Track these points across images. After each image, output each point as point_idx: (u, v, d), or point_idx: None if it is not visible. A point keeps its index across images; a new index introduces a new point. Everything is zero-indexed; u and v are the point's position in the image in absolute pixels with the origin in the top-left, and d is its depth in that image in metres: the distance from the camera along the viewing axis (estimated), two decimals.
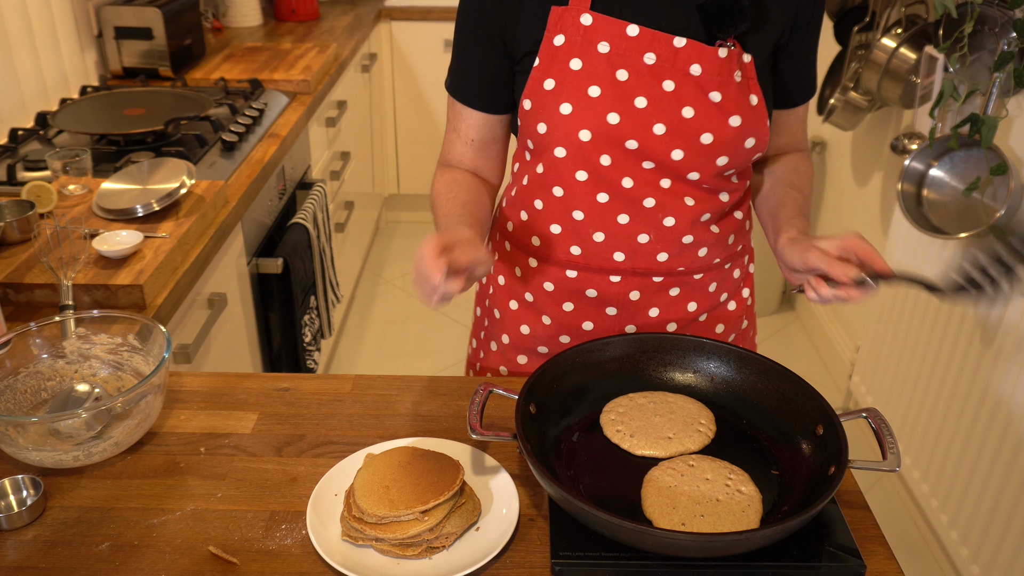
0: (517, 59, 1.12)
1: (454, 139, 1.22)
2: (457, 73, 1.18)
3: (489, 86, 1.16)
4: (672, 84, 1.06)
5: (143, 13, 2.40)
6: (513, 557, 0.88)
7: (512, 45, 1.11)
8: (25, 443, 0.97)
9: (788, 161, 1.24)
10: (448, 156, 1.23)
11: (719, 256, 1.20)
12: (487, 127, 1.19)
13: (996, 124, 1.79)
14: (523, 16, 1.09)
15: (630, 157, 1.09)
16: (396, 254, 3.70)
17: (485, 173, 1.23)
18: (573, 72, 1.07)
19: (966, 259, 0.90)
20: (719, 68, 1.06)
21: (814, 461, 0.93)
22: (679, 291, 1.20)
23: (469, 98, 1.17)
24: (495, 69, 1.14)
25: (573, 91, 1.07)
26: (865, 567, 0.85)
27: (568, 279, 1.19)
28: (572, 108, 1.07)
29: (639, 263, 1.16)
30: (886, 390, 2.35)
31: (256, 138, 2.07)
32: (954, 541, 1.99)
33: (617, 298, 1.19)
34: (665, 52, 1.05)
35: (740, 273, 1.27)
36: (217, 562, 0.87)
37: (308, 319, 2.25)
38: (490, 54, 1.13)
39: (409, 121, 3.64)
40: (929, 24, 2.12)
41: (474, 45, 1.14)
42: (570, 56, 1.07)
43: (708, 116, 1.06)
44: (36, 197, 1.55)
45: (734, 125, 1.07)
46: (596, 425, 1.02)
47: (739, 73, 1.06)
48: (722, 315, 1.26)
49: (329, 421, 1.08)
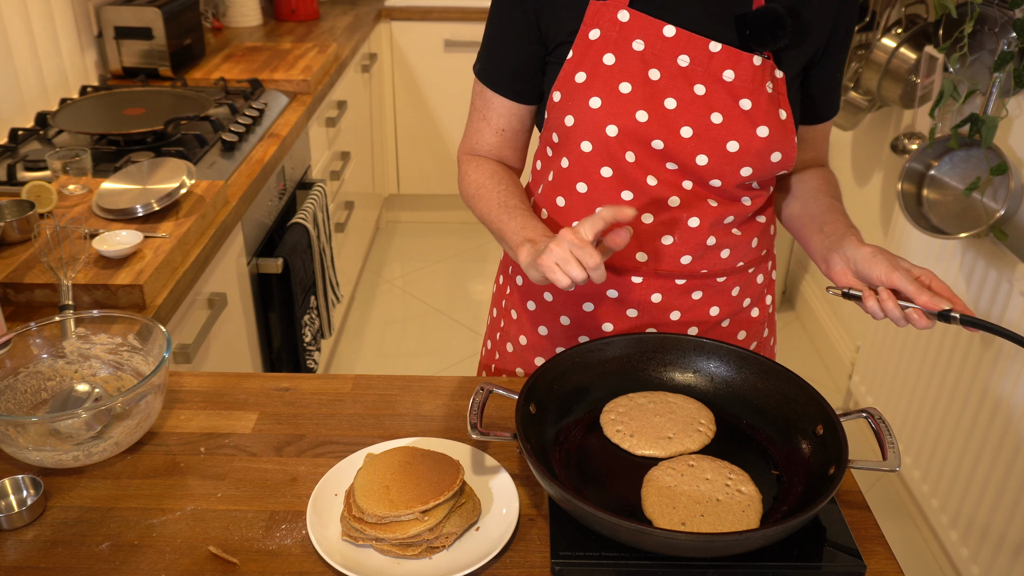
0: (551, 48, 1.11)
1: (483, 128, 1.20)
2: (489, 60, 1.16)
3: (521, 74, 1.15)
4: (703, 88, 1.05)
5: (143, 13, 2.40)
6: (513, 557, 0.88)
7: (548, 33, 1.10)
8: (25, 443, 0.97)
9: (819, 173, 1.23)
10: (476, 144, 1.22)
11: (742, 259, 1.20)
12: (516, 117, 1.19)
13: (996, 124, 1.79)
14: (561, 5, 1.09)
15: (655, 157, 1.08)
16: (396, 254, 3.70)
17: (512, 162, 1.23)
18: (606, 67, 1.06)
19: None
20: (751, 76, 1.05)
21: (814, 461, 0.93)
22: (701, 295, 1.19)
23: (501, 86, 1.16)
24: (528, 57, 1.13)
25: (604, 85, 1.06)
26: (865, 567, 0.85)
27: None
28: (602, 102, 1.07)
29: (662, 265, 1.15)
30: (886, 390, 2.35)
31: (256, 138, 2.07)
32: (954, 541, 1.99)
33: (638, 300, 1.18)
34: (699, 56, 1.05)
35: (764, 279, 1.25)
36: (217, 562, 0.87)
37: (308, 319, 2.25)
38: (525, 41, 1.12)
39: (409, 121, 3.64)
40: (929, 24, 2.12)
41: (509, 30, 1.13)
42: (604, 51, 1.07)
43: (736, 124, 1.06)
44: (36, 197, 1.55)
45: (762, 136, 1.06)
46: (596, 425, 1.02)
47: (770, 85, 1.06)
48: (745, 321, 1.24)
49: (329, 421, 1.08)
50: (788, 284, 3.30)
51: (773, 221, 1.25)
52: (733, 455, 0.97)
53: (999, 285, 1.83)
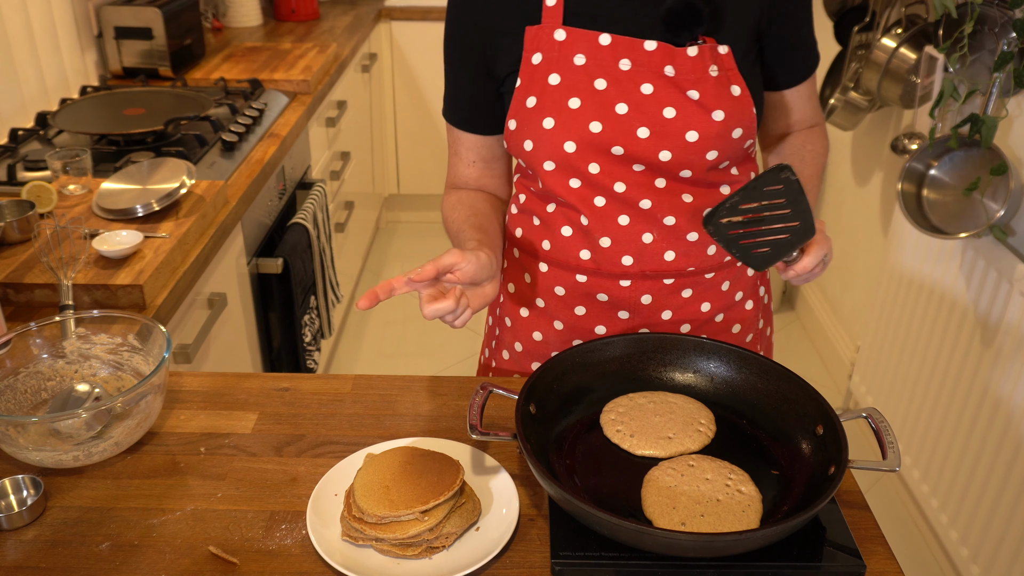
0: (501, 79, 1.14)
1: (456, 162, 1.24)
2: (449, 98, 1.20)
3: (479, 108, 1.18)
4: (651, 87, 1.07)
5: (143, 13, 2.40)
6: (513, 557, 0.88)
7: (495, 67, 1.13)
8: (25, 443, 0.97)
9: (794, 140, 1.22)
10: (454, 179, 1.26)
11: (729, 253, 1.20)
12: (486, 147, 1.22)
13: (996, 124, 1.79)
14: (502, 38, 1.11)
15: (619, 163, 1.10)
16: (396, 254, 3.70)
17: (492, 190, 1.26)
18: (552, 87, 1.08)
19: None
20: (691, 67, 1.06)
21: (814, 461, 0.93)
22: (691, 292, 1.19)
23: (462, 122, 1.20)
24: (483, 91, 1.16)
25: (554, 104, 1.08)
26: (865, 567, 0.85)
27: (579, 283, 1.19)
28: (555, 122, 1.08)
29: (647, 265, 1.16)
30: (886, 390, 2.35)
31: (256, 138, 2.07)
32: (954, 541, 1.99)
33: (629, 303, 1.19)
34: (638, 57, 1.07)
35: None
36: (217, 562, 0.87)
37: (308, 319, 2.25)
38: (476, 77, 1.15)
39: (409, 121, 3.64)
40: (929, 24, 2.12)
41: (460, 69, 1.17)
42: (548, 72, 1.09)
43: (690, 114, 1.07)
44: (36, 197, 1.55)
45: (717, 119, 1.07)
46: (596, 425, 1.02)
47: (715, 68, 1.07)
48: (739, 315, 1.25)
49: (329, 421, 1.08)
50: (788, 283, 3.30)
51: None
52: (733, 455, 0.97)
53: (999, 285, 1.83)
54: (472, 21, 1.12)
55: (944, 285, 2.04)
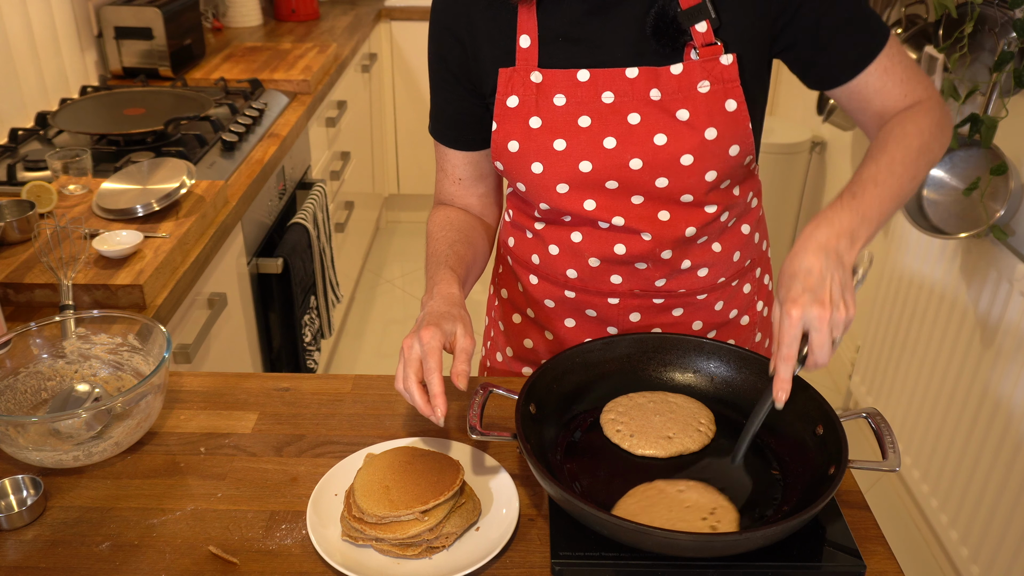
0: (487, 95, 1.11)
1: (443, 179, 1.22)
2: (434, 115, 1.18)
3: (464, 125, 1.15)
4: (637, 116, 1.03)
5: (143, 13, 2.40)
6: (513, 557, 0.88)
7: (478, 86, 1.11)
8: (25, 443, 0.97)
9: (888, 126, 1.04)
10: (440, 195, 1.23)
11: (723, 275, 1.17)
12: (472, 164, 1.19)
13: (996, 124, 1.79)
14: (482, 61, 1.08)
15: (615, 196, 1.07)
16: (396, 254, 3.70)
17: (478, 210, 1.22)
18: (535, 131, 1.06)
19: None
20: (677, 86, 1.02)
21: (814, 461, 0.93)
22: (682, 311, 1.17)
23: (447, 138, 1.18)
24: (466, 109, 1.13)
25: (540, 149, 1.06)
26: (865, 567, 0.85)
27: (567, 298, 1.18)
28: (543, 167, 1.06)
29: (636, 285, 1.14)
30: (886, 390, 2.35)
31: (256, 138, 2.07)
32: (954, 541, 1.99)
33: (617, 319, 1.18)
34: (621, 87, 1.03)
35: (752, 288, 1.22)
36: (217, 562, 0.87)
37: (308, 319, 2.25)
38: (459, 96, 1.13)
39: (409, 121, 3.64)
40: (929, 24, 2.12)
41: (443, 86, 1.14)
42: (528, 115, 1.06)
43: (682, 137, 1.02)
44: (36, 197, 1.55)
45: (711, 138, 1.02)
46: (596, 425, 1.02)
47: (706, 83, 1.02)
48: (733, 331, 1.22)
49: (329, 421, 1.08)
50: None
51: (760, 229, 1.21)
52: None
53: (999, 285, 1.83)
54: (454, 40, 1.09)
55: (944, 285, 2.04)
